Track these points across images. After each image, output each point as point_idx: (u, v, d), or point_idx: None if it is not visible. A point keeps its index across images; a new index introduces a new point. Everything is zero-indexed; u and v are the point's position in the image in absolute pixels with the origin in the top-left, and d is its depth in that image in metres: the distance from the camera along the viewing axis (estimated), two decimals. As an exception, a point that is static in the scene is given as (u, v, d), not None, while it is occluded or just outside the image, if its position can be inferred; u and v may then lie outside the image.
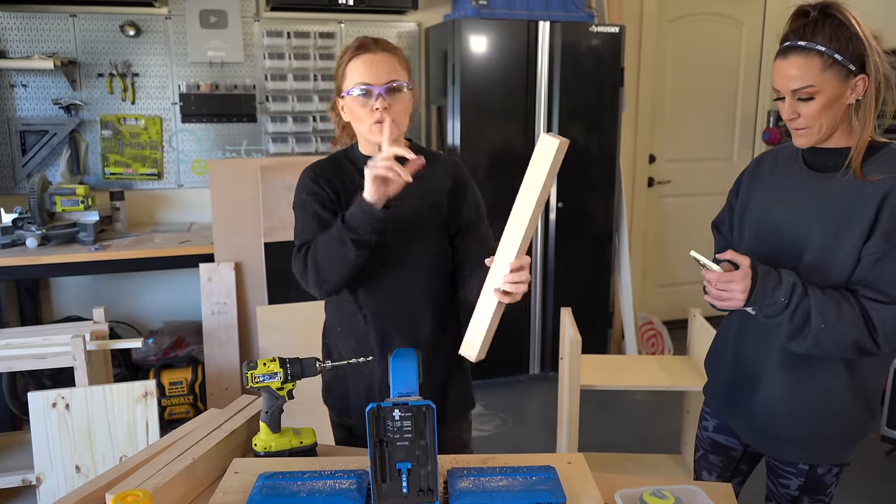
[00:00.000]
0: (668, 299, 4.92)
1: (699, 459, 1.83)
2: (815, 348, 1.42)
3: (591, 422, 3.44)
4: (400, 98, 1.53)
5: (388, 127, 1.45)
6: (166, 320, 3.77)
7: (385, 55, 1.53)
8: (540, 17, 3.65)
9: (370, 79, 1.51)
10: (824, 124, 1.43)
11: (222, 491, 1.27)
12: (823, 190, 1.47)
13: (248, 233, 3.36)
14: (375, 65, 1.51)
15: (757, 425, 1.62)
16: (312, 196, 1.60)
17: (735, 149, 4.90)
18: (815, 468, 1.57)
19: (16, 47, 3.43)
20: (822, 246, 1.45)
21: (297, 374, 1.43)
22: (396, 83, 1.52)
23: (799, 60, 1.40)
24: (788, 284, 1.41)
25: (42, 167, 3.54)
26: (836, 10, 1.38)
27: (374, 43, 1.55)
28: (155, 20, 3.59)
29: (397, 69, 1.54)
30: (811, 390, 1.53)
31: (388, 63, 1.52)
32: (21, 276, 3.21)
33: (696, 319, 2.78)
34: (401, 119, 1.54)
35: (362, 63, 1.52)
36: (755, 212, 1.62)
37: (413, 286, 1.62)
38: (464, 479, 1.26)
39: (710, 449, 1.79)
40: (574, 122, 3.77)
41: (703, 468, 1.81)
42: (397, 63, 1.54)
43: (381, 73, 1.51)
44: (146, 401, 2.14)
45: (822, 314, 1.39)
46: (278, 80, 3.77)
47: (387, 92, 1.50)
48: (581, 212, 3.89)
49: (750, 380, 1.62)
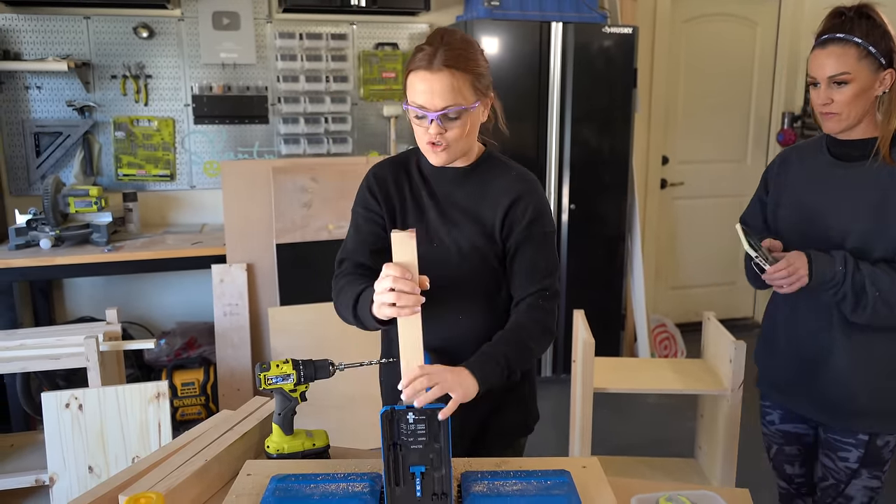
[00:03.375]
0: (681, 302, 4.88)
1: (775, 455, 1.92)
2: (875, 318, 1.56)
3: (603, 425, 3.42)
4: (457, 124, 1.40)
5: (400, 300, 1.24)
6: (178, 321, 3.77)
7: (444, 75, 1.35)
8: (552, 17, 3.64)
9: (425, 101, 1.37)
10: (853, 112, 1.57)
11: (235, 493, 1.27)
12: (856, 178, 1.61)
13: (261, 234, 3.36)
14: (432, 86, 1.36)
15: (826, 399, 1.72)
16: (362, 208, 1.56)
17: (749, 150, 4.86)
18: (875, 440, 1.68)
19: (30, 49, 3.45)
20: (864, 230, 1.59)
21: (310, 376, 1.42)
22: (452, 111, 1.37)
23: (837, 50, 1.55)
24: (840, 256, 1.57)
25: (56, 169, 3.56)
26: (871, 10, 1.56)
27: (436, 55, 1.36)
28: (168, 22, 3.60)
29: (459, 90, 1.37)
30: (879, 360, 1.65)
31: (446, 85, 1.35)
32: (35, 276, 3.23)
33: (711, 322, 2.75)
34: (455, 145, 1.43)
35: (420, 80, 1.37)
36: (789, 205, 1.74)
37: (458, 324, 1.52)
38: (478, 482, 1.25)
39: (783, 441, 1.89)
40: (586, 123, 3.75)
41: (783, 461, 1.91)
42: (460, 82, 1.37)
43: (435, 98, 1.36)
44: (159, 402, 2.14)
45: (874, 283, 1.54)
46: (290, 82, 3.77)
47: (441, 118, 1.38)
48: (593, 214, 3.87)
49: (812, 360, 1.72)
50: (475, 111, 1.42)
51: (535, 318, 1.45)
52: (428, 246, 1.50)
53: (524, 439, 1.71)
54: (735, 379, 2.48)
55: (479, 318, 1.52)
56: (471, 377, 1.30)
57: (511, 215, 1.48)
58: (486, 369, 1.33)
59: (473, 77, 1.39)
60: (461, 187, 1.52)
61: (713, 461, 2.65)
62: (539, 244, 1.48)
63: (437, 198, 1.53)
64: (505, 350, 1.38)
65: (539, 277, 1.47)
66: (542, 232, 1.49)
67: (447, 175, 1.52)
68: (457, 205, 1.51)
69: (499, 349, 1.38)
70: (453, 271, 1.49)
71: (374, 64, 3.88)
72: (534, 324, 1.44)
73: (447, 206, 1.52)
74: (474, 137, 1.49)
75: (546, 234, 1.50)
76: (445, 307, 1.50)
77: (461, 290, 1.50)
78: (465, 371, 1.31)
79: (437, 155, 1.44)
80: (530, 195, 1.49)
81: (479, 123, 1.48)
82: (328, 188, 3.39)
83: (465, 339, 1.48)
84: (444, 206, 1.52)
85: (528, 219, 1.47)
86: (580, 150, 3.75)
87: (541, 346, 1.46)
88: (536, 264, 1.47)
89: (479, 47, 1.45)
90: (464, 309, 1.52)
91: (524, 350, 1.41)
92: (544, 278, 1.47)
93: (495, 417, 1.61)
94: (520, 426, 1.67)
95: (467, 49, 1.40)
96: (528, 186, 1.51)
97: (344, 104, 3.87)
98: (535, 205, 1.48)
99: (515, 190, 1.49)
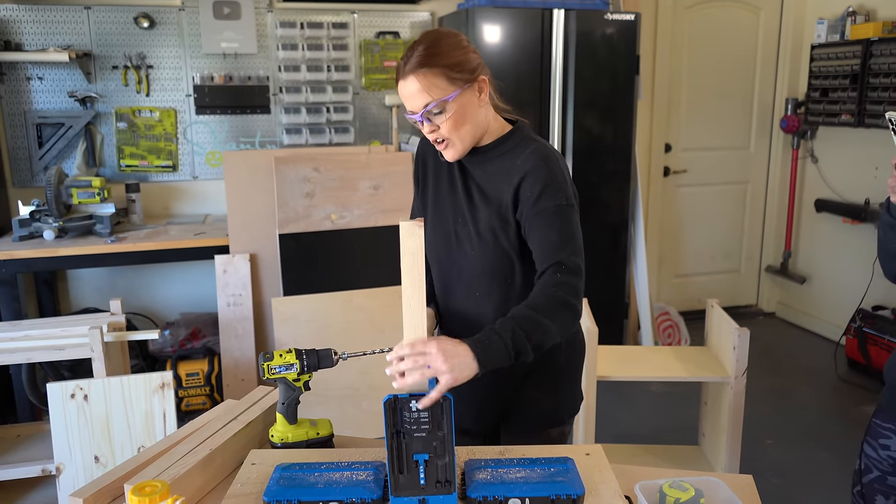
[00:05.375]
0: (684, 290, 4.88)
1: (872, 482, 1.68)
2: None
3: (607, 413, 3.42)
4: (444, 117, 1.44)
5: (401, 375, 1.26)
6: (182, 312, 3.78)
7: (413, 79, 1.41)
8: (554, 4, 3.61)
9: (408, 106, 1.45)
10: None
11: (240, 482, 1.28)
12: None
13: (263, 224, 3.36)
14: (407, 91, 1.43)
15: None
16: (414, 175, 1.69)
17: (752, 137, 4.84)
18: None
19: (31, 40, 3.44)
20: None
21: (314, 366, 1.42)
22: (432, 106, 1.41)
23: None
24: None
25: (58, 160, 3.56)
26: None
27: (405, 64, 1.42)
28: (169, 12, 3.59)
29: (431, 87, 1.41)
30: None
31: (418, 87, 1.41)
32: (39, 268, 3.23)
33: (714, 310, 2.75)
34: (456, 136, 1.46)
35: (399, 89, 1.46)
36: None
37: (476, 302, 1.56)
38: (481, 470, 1.25)
39: (892, 470, 1.64)
40: (589, 111, 3.73)
41: (879, 492, 1.67)
42: (431, 80, 1.41)
43: (414, 101, 1.43)
44: (163, 392, 2.15)
45: None
46: (292, 71, 3.76)
47: (425, 116, 1.44)
48: (596, 202, 3.86)
49: None
50: (461, 98, 1.44)
51: (547, 293, 1.37)
52: (455, 222, 1.56)
53: (556, 430, 1.64)
54: (738, 366, 2.48)
55: (496, 298, 1.53)
56: (470, 355, 1.24)
57: (520, 193, 1.46)
58: (489, 346, 1.27)
59: (446, 69, 1.41)
60: (481, 167, 1.55)
61: (717, 448, 2.66)
62: (550, 218, 1.43)
63: (466, 175, 1.57)
64: (513, 326, 1.29)
65: (552, 252, 1.41)
66: (553, 205, 1.43)
67: (472, 154, 1.55)
68: (477, 184, 1.55)
69: (506, 325, 1.30)
70: (474, 249, 1.53)
71: (376, 53, 3.87)
72: (546, 298, 1.36)
73: (472, 185, 1.56)
74: (478, 122, 1.49)
75: (558, 207, 1.43)
76: (463, 284, 1.58)
77: (477, 269, 1.54)
78: (465, 348, 1.25)
79: (446, 151, 1.51)
80: (539, 170, 1.45)
81: (478, 107, 1.48)
82: (330, 178, 3.38)
83: (481, 316, 1.54)
84: (470, 184, 1.56)
85: (536, 194, 1.44)
86: (583, 139, 3.73)
87: (559, 321, 1.36)
88: (548, 239, 1.42)
89: (454, 38, 1.46)
90: (481, 287, 1.55)
91: (535, 326, 1.31)
92: (558, 252, 1.40)
93: (520, 404, 1.60)
94: (548, 415, 1.62)
95: (436, 45, 1.42)
96: (539, 162, 1.46)
97: (345, 93, 3.86)
98: (543, 179, 1.44)
99: (525, 167, 1.46)
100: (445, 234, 1.58)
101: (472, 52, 1.47)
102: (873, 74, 3.95)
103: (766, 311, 5.06)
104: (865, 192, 4.20)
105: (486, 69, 1.50)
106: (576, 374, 1.67)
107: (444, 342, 1.24)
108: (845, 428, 3.42)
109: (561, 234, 1.42)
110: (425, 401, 1.19)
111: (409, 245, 1.23)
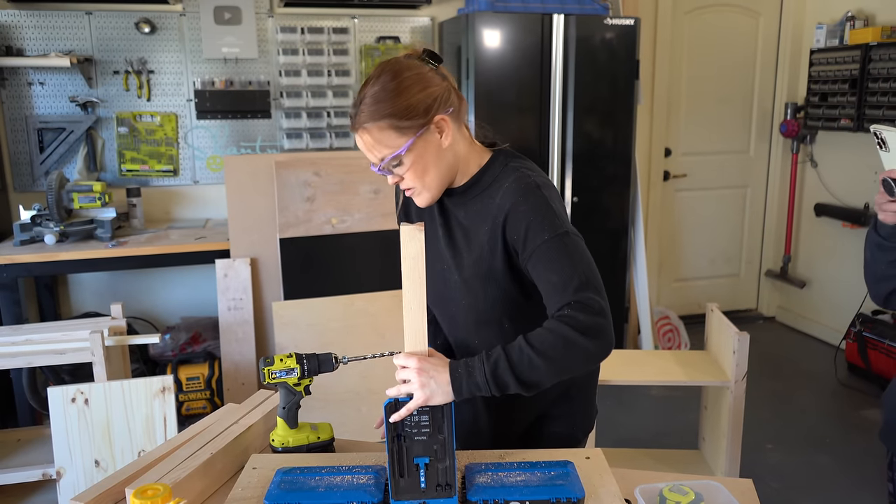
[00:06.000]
0: (684, 294, 4.88)
1: None
2: None
3: (607, 417, 3.42)
4: (403, 168, 1.34)
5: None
6: (183, 316, 3.79)
7: (361, 135, 1.33)
8: (554, 9, 3.63)
9: (367, 157, 1.36)
10: None
11: (241, 486, 1.28)
12: None
13: (264, 229, 3.37)
14: (360, 144, 1.34)
15: None
16: (398, 217, 1.57)
17: (752, 142, 4.85)
18: None
19: (32, 45, 3.45)
20: None
21: (314, 370, 1.42)
22: (386, 162, 1.32)
23: None
24: None
25: (59, 164, 3.57)
26: None
27: (355, 117, 1.33)
28: (169, 17, 3.60)
29: (379, 143, 1.31)
30: None
31: (367, 142, 1.32)
32: (40, 272, 3.24)
33: (714, 314, 2.76)
34: (422, 183, 1.36)
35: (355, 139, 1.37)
36: None
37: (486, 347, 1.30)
38: (482, 474, 1.26)
39: None
40: (589, 115, 3.74)
41: None
42: (377, 134, 1.30)
43: (369, 154, 1.34)
44: (164, 396, 2.15)
45: None
46: (292, 76, 3.77)
47: (385, 169, 1.35)
48: (596, 206, 3.87)
49: None
50: (417, 146, 1.32)
51: (549, 327, 1.24)
52: (442, 270, 1.46)
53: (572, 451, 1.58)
54: (738, 370, 2.48)
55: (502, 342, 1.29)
56: (447, 381, 1.21)
57: (508, 239, 1.34)
58: (470, 375, 1.22)
59: (393, 119, 1.29)
60: (463, 207, 1.43)
61: (717, 452, 2.66)
62: (545, 258, 1.29)
63: (447, 217, 1.47)
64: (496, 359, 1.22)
65: (557, 296, 1.27)
66: (542, 243, 1.29)
67: (449, 195, 1.45)
68: (462, 225, 1.43)
69: (492, 358, 1.23)
70: (465, 298, 1.44)
71: (376, 58, 3.88)
72: (547, 334, 1.23)
73: (455, 228, 1.45)
74: (445, 164, 1.37)
75: (549, 242, 1.29)
76: (462, 332, 1.50)
77: (472, 319, 1.46)
78: (445, 376, 1.22)
79: (416, 198, 1.40)
80: (518, 207, 1.31)
81: (441, 149, 1.35)
82: (331, 182, 3.39)
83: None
84: (453, 226, 1.45)
85: (522, 237, 1.31)
86: (583, 143, 3.74)
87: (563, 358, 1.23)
88: (549, 282, 1.29)
89: (401, 78, 1.30)
90: (480, 335, 1.47)
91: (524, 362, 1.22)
92: (562, 294, 1.26)
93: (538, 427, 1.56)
94: (565, 441, 1.55)
95: (382, 91, 1.30)
96: (517, 198, 1.32)
97: (346, 98, 3.87)
98: (525, 217, 1.30)
99: (504, 207, 1.33)
100: (433, 283, 1.42)
101: (426, 87, 1.31)
102: (872, 79, 3.96)
103: (766, 316, 5.07)
104: (865, 197, 4.21)
105: (448, 101, 1.34)
106: (590, 393, 1.61)
107: (426, 363, 1.23)
108: (845, 432, 3.42)
109: (561, 273, 1.27)
110: (395, 416, 1.21)
111: (410, 249, 1.23)
